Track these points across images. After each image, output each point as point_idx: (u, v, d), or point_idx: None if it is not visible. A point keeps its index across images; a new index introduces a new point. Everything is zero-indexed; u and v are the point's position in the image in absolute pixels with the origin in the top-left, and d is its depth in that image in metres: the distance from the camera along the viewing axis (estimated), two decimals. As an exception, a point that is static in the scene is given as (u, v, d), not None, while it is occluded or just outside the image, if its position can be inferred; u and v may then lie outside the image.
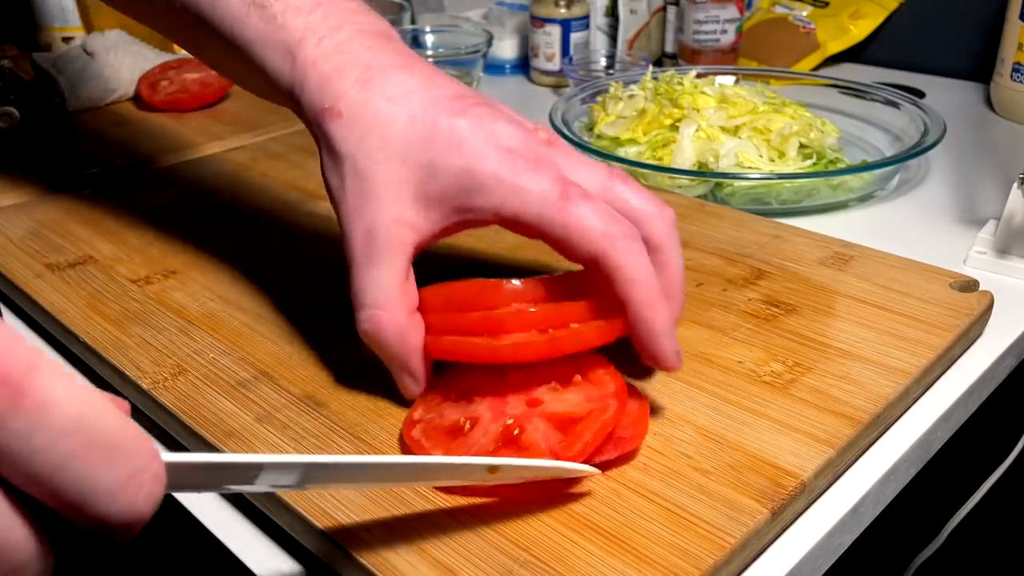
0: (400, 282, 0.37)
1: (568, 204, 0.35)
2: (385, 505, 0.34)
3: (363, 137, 0.38)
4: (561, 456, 0.34)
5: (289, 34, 0.41)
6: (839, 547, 0.37)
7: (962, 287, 0.48)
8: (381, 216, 0.37)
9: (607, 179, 0.38)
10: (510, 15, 1.06)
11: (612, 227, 0.35)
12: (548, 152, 0.38)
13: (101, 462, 0.22)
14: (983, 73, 0.90)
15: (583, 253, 0.36)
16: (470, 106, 0.38)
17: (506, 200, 0.36)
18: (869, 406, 0.39)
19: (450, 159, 0.37)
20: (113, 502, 0.22)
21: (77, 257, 0.55)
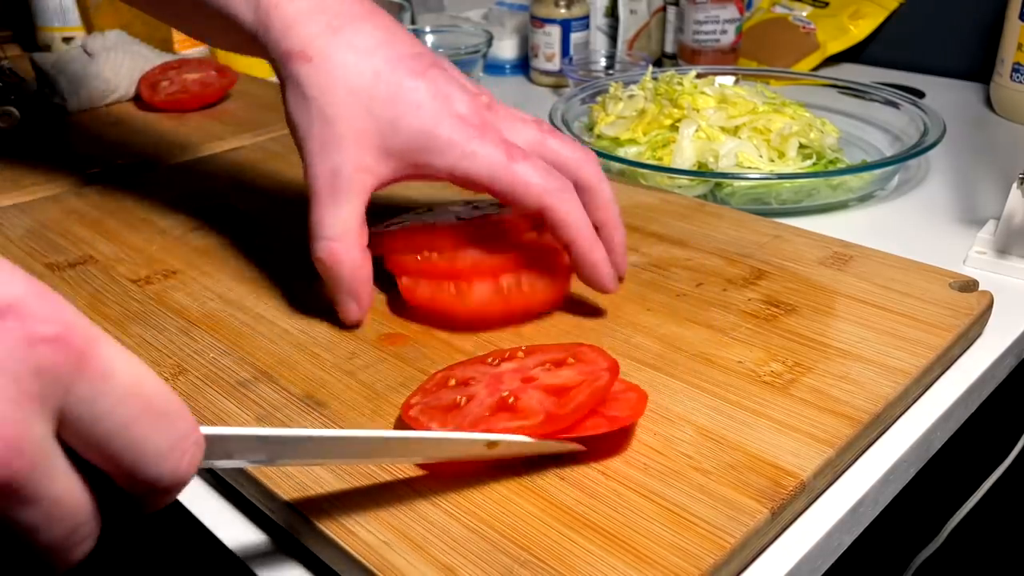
0: (358, 220, 0.43)
1: (512, 165, 0.42)
2: (386, 505, 0.34)
3: (331, 85, 0.42)
4: (555, 415, 0.35)
5: None
6: (839, 547, 0.37)
7: (962, 287, 0.48)
8: (345, 160, 0.42)
9: (539, 134, 0.45)
10: (510, 15, 1.06)
11: (550, 182, 0.42)
12: (491, 117, 0.44)
13: (154, 427, 0.24)
14: (983, 73, 0.90)
15: (528, 205, 0.43)
16: (427, 67, 0.44)
17: (459, 162, 0.42)
18: (869, 406, 0.39)
19: (410, 120, 0.42)
20: (162, 465, 0.24)
21: (77, 257, 0.55)
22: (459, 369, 0.40)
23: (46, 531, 0.23)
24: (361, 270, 0.43)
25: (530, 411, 0.35)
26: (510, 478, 0.35)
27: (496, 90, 0.99)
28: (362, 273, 0.44)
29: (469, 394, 0.38)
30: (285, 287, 0.51)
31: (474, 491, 0.35)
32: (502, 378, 0.38)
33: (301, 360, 0.44)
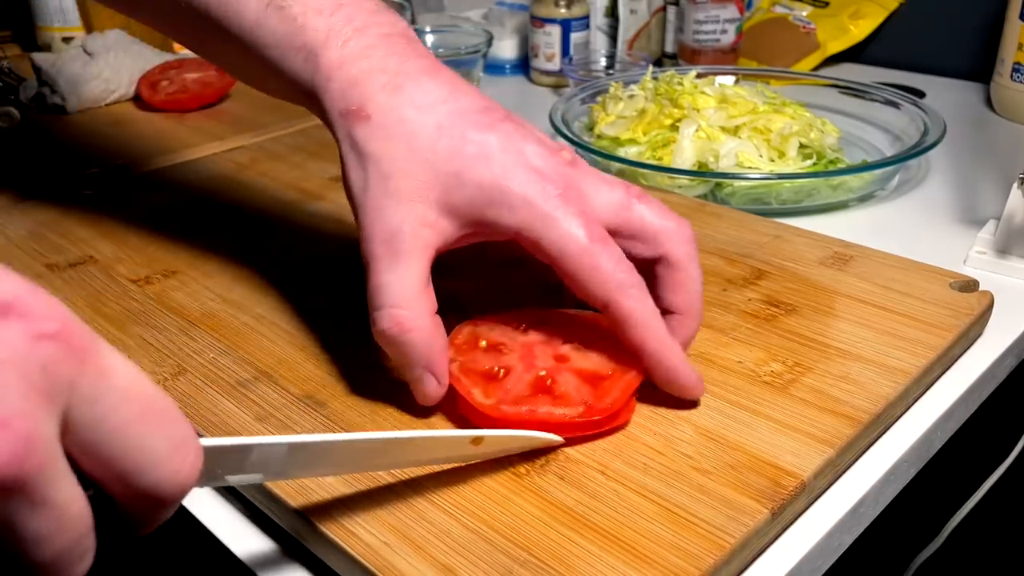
0: (423, 282, 0.38)
1: (591, 247, 0.37)
2: (386, 505, 0.34)
3: (390, 141, 0.38)
4: (594, 408, 0.37)
5: (311, 36, 0.41)
6: (839, 547, 0.37)
7: (962, 287, 0.48)
8: (405, 216, 0.38)
9: (625, 198, 0.39)
10: (510, 15, 1.06)
11: (623, 275, 0.37)
12: (573, 176, 0.38)
13: (155, 428, 0.24)
14: (983, 73, 0.90)
15: (595, 296, 0.37)
16: (497, 121, 0.39)
17: (533, 224, 0.37)
18: (869, 406, 0.39)
19: (479, 171, 0.37)
20: (163, 469, 0.24)
21: (77, 257, 0.55)
22: (485, 328, 0.41)
23: (50, 542, 0.22)
24: (437, 338, 0.38)
25: (570, 399, 0.37)
26: (510, 478, 0.35)
27: (496, 90, 0.99)
28: (438, 342, 0.38)
29: (505, 365, 0.39)
30: (285, 287, 0.51)
31: (474, 491, 0.35)
32: (534, 352, 0.40)
33: (301, 360, 0.44)
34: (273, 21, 0.41)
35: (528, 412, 0.37)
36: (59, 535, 0.22)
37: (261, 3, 0.42)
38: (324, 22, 0.41)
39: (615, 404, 0.37)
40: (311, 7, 0.41)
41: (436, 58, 0.41)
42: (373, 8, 0.42)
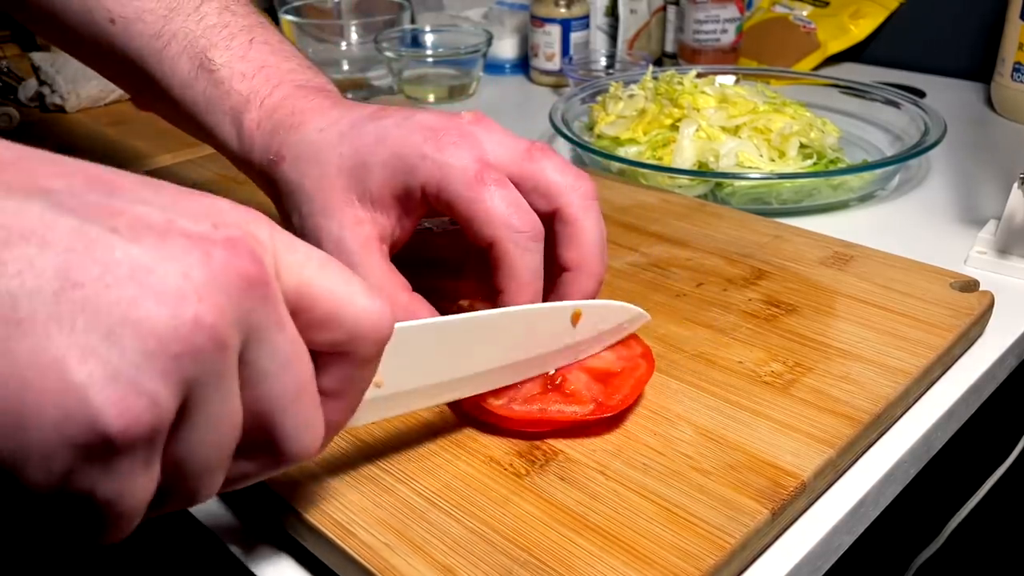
0: (384, 269, 0.39)
1: (481, 185, 0.37)
2: (385, 505, 0.34)
3: (303, 167, 0.40)
4: (605, 405, 0.37)
5: (235, 100, 0.43)
6: (839, 547, 0.37)
7: (963, 287, 0.48)
8: (341, 224, 0.39)
9: (527, 151, 0.39)
10: (510, 15, 1.06)
11: (515, 219, 0.37)
12: (471, 128, 0.39)
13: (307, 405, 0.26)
14: (983, 73, 0.90)
15: (481, 235, 0.37)
16: (391, 112, 0.41)
17: (431, 175, 0.38)
18: (869, 406, 0.39)
19: (379, 152, 0.39)
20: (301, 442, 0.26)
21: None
22: None
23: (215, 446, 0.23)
24: (418, 311, 0.39)
25: (580, 396, 0.38)
26: (510, 479, 0.35)
27: (496, 90, 0.99)
28: (421, 314, 0.39)
29: None
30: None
31: (474, 492, 0.35)
32: None
33: (300, 360, 0.44)
34: (202, 83, 0.44)
35: (539, 411, 0.37)
36: (219, 443, 0.23)
37: (192, 64, 0.44)
38: (247, 85, 0.43)
39: (625, 401, 0.38)
40: (236, 71, 0.43)
41: (349, 102, 0.43)
42: (292, 67, 0.45)
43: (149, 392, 0.20)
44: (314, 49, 1.03)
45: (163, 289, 0.20)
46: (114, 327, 0.19)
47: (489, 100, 0.96)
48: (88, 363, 0.19)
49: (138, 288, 0.20)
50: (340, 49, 1.04)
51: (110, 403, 0.19)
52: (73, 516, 0.21)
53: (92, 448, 0.20)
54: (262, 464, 0.25)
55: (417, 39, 1.02)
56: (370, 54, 1.02)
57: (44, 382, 0.19)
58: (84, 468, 0.20)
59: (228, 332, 0.21)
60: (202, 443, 0.22)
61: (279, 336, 0.24)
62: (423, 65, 0.98)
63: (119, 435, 0.19)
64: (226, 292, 0.21)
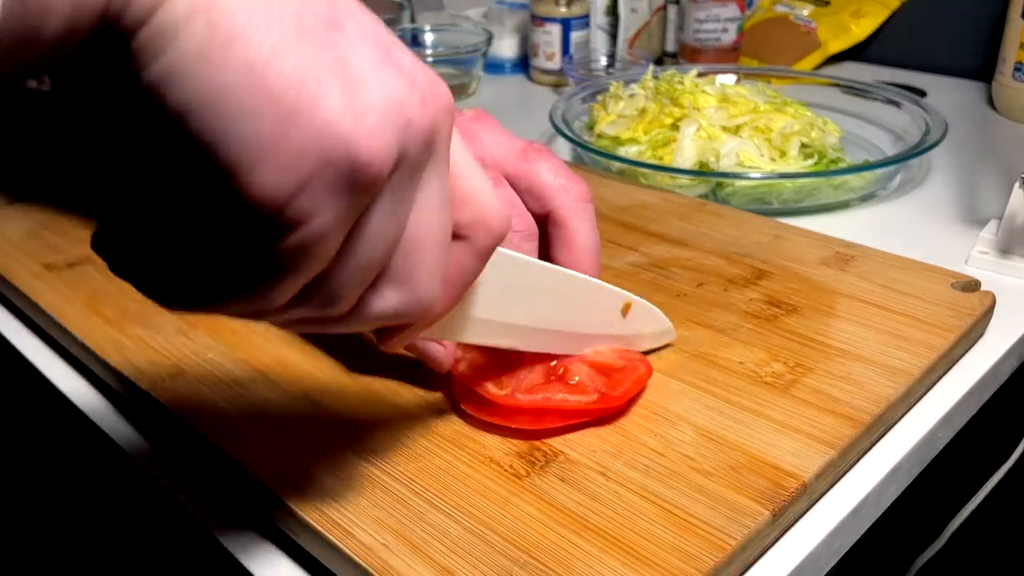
0: None
1: None
2: (384, 506, 0.34)
3: None
4: (608, 396, 0.38)
5: None
6: (840, 548, 0.37)
7: (964, 287, 0.48)
8: None
9: (523, 151, 0.40)
10: (510, 14, 1.06)
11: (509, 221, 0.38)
12: (471, 126, 0.39)
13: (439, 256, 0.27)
14: (985, 72, 0.90)
15: None
16: None
17: None
18: (870, 407, 0.39)
19: None
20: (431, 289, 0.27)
21: (75, 257, 0.55)
22: None
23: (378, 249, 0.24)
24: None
25: (584, 387, 0.38)
26: (510, 480, 0.35)
27: (496, 89, 0.99)
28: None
29: (514, 356, 0.39)
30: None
31: (473, 493, 0.35)
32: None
33: (300, 360, 0.44)
34: None
35: (543, 399, 0.37)
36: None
37: None
38: None
39: (628, 393, 0.38)
40: None
41: None
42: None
43: (389, 144, 0.22)
44: (314, 48, 1.03)
45: (401, 66, 0.23)
46: (369, 75, 0.22)
47: (489, 99, 0.96)
48: (350, 97, 0.22)
49: (384, 53, 0.23)
50: (340, 48, 1.04)
51: (365, 137, 0.22)
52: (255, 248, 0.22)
53: (334, 169, 0.22)
54: (390, 301, 0.26)
55: (417, 38, 1.02)
56: (370, 53, 1.02)
57: (313, 94, 0.21)
58: (313, 190, 0.21)
59: (435, 136, 0.24)
60: (380, 231, 0.24)
61: (445, 177, 0.26)
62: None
63: (363, 166, 0.22)
64: (440, 101, 0.24)
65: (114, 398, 0.45)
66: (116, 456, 0.42)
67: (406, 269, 0.26)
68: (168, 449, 0.41)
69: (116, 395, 0.45)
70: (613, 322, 0.40)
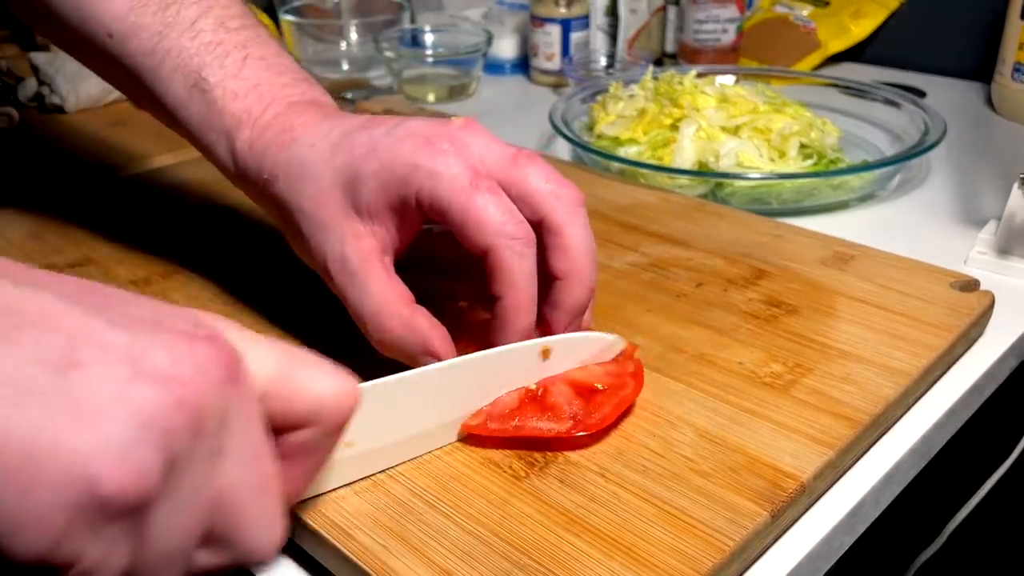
0: (387, 284, 0.39)
1: (474, 193, 0.37)
2: (382, 507, 0.34)
3: (298, 184, 0.41)
4: (582, 423, 0.36)
5: (228, 120, 0.43)
6: (839, 548, 0.37)
7: (963, 287, 0.48)
8: (342, 238, 0.39)
9: (514, 158, 0.39)
10: (510, 14, 1.06)
11: (509, 226, 0.37)
12: (461, 135, 0.39)
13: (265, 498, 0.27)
14: (984, 73, 0.90)
15: (475, 243, 0.37)
16: (381, 121, 0.40)
17: (423, 185, 0.37)
18: (869, 407, 0.39)
19: (371, 163, 0.39)
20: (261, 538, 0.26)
21: (76, 258, 0.55)
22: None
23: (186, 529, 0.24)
24: (419, 321, 0.39)
25: (560, 411, 0.37)
26: (509, 481, 0.35)
27: (496, 90, 0.99)
28: (422, 324, 0.39)
29: None
30: (285, 287, 0.50)
31: (472, 494, 0.35)
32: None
33: (299, 361, 0.44)
34: (196, 103, 0.44)
35: (515, 428, 0.37)
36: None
37: (187, 84, 0.44)
38: (240, 105, 0.43)
39: (604, 420, 0.37)
40: (230, 91, 0.43)
41: (341, 112, 0.43)
42: (286, 81, 0.45)
43: (142, 461, 0.21)
44: (314, 49, 1.03)
45: (153, 372, 0.22)
46: (111, 402, 0.21)
47: (489, 100, 0.96)
48: (86, 433, 0.21)
49: (132, 369, 0.22)
50: (340, 49, 1.04)
51: (107, 467, 0.21)
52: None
53: (86, 510, 0.21)
54: (219, 557, 0.26)
55: (417, 39, 1.02)
56: (370, 54, 1.02)
57: (46, 449, 0.20)
58: (74, 533, 0.21)
59: (209, 416, 0.23)
60: (175, 524, 0.23)
61: (251, 428, 0.25)
62: (423, 65, 0.98)
63: (114, 496, 0.21)
64: (208, 380, 0.23)
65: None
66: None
67: (226, 531, 0.25)
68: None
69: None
70: (532, 369, 0.38)
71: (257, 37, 0.46)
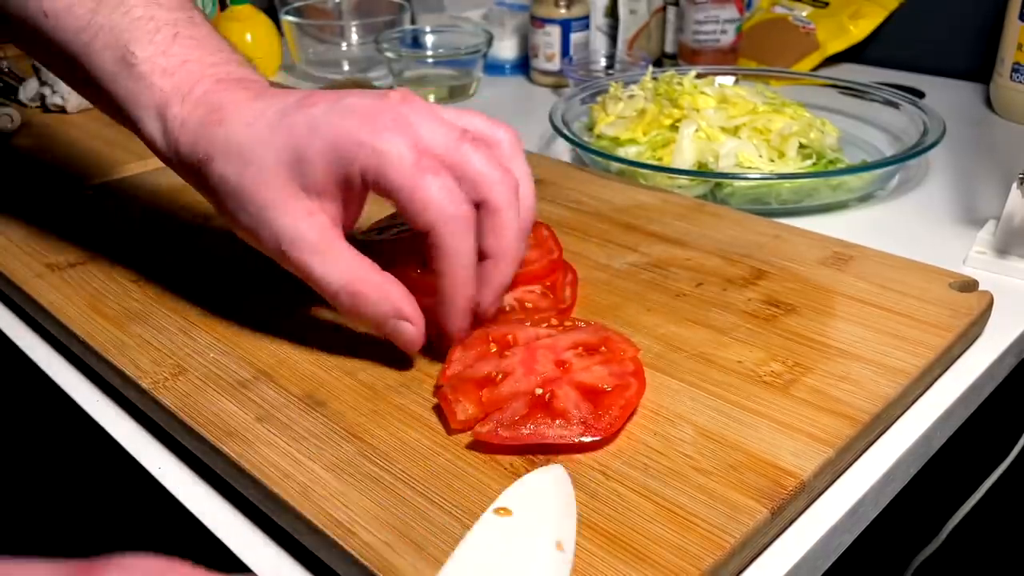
0: (351, 255, 0.40)
1: (419, 173, 0.38)
2: (385, 504, 0.34)
3: (239, 168, 0.40)
4: (592, 427, 0.37)
5: (158, 96, 0.43)
6: (839, 547, 0.37)
7: (962, 287, 0.48)
8: (293, 218, 0.40)
9: (457, 140, 0.40)
10: (510, 15, 1.06)
11: (450, 207, 0.38)
12: (402, 111, 0.39)
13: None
14: (983, 73, 0.90)
15: (419, 222, 0.39)
16: (318, 99, 0.40)
17: (368, 164, 0.38)
18: (869, 406, 0.39)
19: (314, 143, 0.39)
20: None
21: (77, 257, 0.55)
22: (495, 329, 0.43)
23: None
24: (390, 285, 0.40)
25: (569, 416, 0.37)
26: (511, 479, 0.35)
27: (496, 90, 0.99)
28: (393, 288, 0.40)
29: (505, 370, 0.40)
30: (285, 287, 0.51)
31: (474, 491, 0.35)
32: (536, 357, 0.40)
33: (301, 360, 0.44)
34: (123, 77, 0.44)
35: (527, 435, 0.37)
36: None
37: (115, 58, 0.44)
38: (169, 82, 0.43)
39: (614, 424, 0.37)
40: (159, 66, 0.43)
41: (268, 87, 0.43)
42: (214, 60, 0.44)
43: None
44: (314, 50, 1.03)
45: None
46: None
47: (489, 101, 0.96)
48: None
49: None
50: (341, 49, 1.04)
51: None
52: None
53: None
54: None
55: (417, 39, 1.03)
56: (371, 55, 1.02)
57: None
58: None
59: None
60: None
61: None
62: (423, 65, 0.98)
63: None
64: None
65: (116, 397, 0.45)
66: (118, 455, 0.42)
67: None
68: (169, 449, 0.42)
69: (118, 394, 0.45)
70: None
71: (190, 19, 0.46)
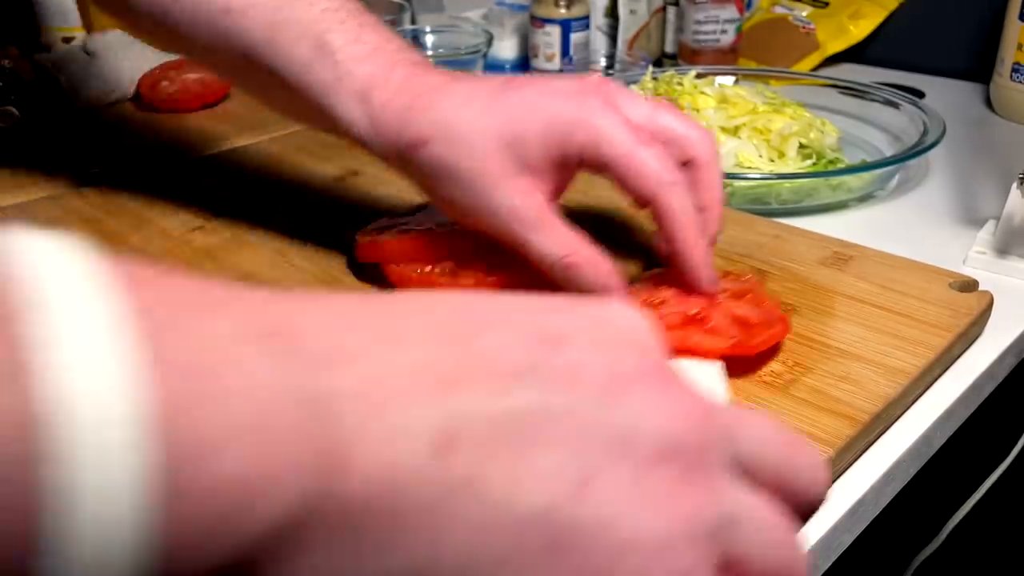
0: (567, 230, 0.42)
1: (635, 147, 0.41)
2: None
3: (457, 150, 0.42)
4: (743, 344, 0.40)
5: (359, 82, 0.44)
6: (839, 546, 0.37)
7: (962, 287, 0.48)
8: (511, 195, 0.42)
9: (653, 110, 0.43)
10: (510, 15, 1.06)
11: (667, 175, 0.41)
12: (607, 92, 0.43)
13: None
14: (983, 73, 0.90)
15: (640, 193, 0.42)
16: (524, 82, 0.43)
17: (587, 142, 0.41)
18: (869, 406, 0.39)
19: (533, 123, 0.41)
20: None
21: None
22: (655, 281, 0.46)
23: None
24: (601, 262, 0.43)
25: (721, 331, 0.40)
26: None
27: (496, 90, 0.99)
28: (603, 265, 0.43)
29: (661, 298, 0.43)
30: (285, 288, 0.51)
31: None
32: (691, 294, 0.43)
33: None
34: (321, 67, 0.45)
35: (679, 339, 0.39)
36: None
37: (311, 48, 0.45)
38: (366, 67, 0.44)
39: (764, 344, 0.40)
40: (353, 54, 0.45)
41: (455, 72, 0.45)
42: (396, 46, 0.46)
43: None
44: (314, 49, 1.03)
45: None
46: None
47: (489, 100, 0.96)
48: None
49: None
50: (340, 49, 1.04)
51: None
52: None
53: None
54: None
55: (417, 39, 1.03)
56: (370, 54, 1.02)
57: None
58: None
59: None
60: None
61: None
62: (423, 65, 0.98)
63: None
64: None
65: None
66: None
67: None
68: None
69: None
70: None
71: (360, 8, 0.47)
